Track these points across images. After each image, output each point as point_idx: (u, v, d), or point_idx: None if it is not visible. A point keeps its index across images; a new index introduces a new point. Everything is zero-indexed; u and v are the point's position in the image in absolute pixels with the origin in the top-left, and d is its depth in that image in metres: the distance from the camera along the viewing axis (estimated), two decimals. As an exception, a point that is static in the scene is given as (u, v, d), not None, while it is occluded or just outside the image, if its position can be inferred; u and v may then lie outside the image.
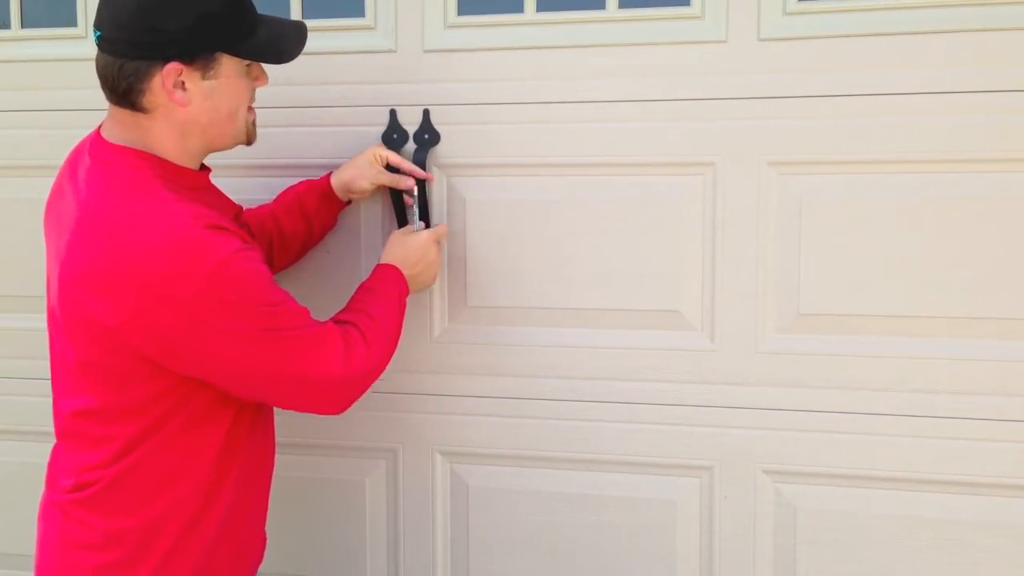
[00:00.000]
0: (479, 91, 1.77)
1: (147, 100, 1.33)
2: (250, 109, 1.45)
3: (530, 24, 1.76)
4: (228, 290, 1.27)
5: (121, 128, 1.36)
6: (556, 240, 1.77)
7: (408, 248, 1.65)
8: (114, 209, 1.29)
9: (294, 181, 1.78)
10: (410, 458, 1.87)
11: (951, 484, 1.67)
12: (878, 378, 1.68)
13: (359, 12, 1.82)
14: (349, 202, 1.78)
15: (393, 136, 1.80)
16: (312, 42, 1.79)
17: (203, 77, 1.35)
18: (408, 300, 1.72)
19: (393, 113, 1.79)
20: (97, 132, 1.39)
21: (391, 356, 1.53)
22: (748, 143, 1.68)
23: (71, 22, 1.93)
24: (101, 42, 1.33)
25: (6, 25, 1.96)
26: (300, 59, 1.49)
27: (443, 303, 1.83)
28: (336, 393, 1.42)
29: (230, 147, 1.46)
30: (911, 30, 1.61)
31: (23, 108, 1.94)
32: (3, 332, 1.97)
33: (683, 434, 1.76)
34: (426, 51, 1.79)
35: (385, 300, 1.55)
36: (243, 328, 1.29)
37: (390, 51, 1.80)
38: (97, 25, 1.33)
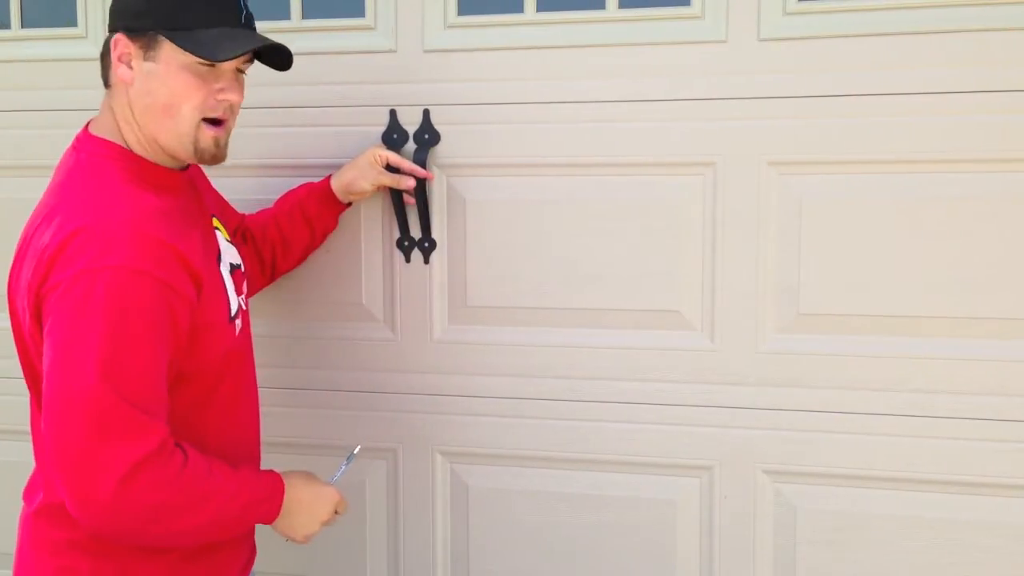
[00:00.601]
0: (479, 91, 1.77)
1: (110, 74, 1.34)
2: (216, 123, 1.34)
3: (530, 24, 1.76)
4: (90, 297, 1.16)
5: (102, 113, 1.37)
6: (556, 240, 1.77)
7: (309, 491, 1.43)
8: (67, 201, 1.27)
9: (294, 181, 1.77)
10: (410, 458, 1.87)
11: (951, 484, 1.67)
12: (878, 378, 1.68)
13: (359, 12, 1.82)
14: (350, 204, 1.77)
15: (393, 136, 1.80)
16: (312, 42, 1.80)
17: (144, 57, 1.30)
18: (407, 302, 1.73)
19: (393, 113, 1.79)
20: (85, 125, 1.39)
21: (180, 529, 1.23)
22: (748, 143, 1.68)
23: (71, 22, 1.92)
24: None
25: (6, 25, 1.96)
26: (300, 59, 1.48)
27: (443, 303, 1.83)
28: (95, 494, 1.16)
29: (176, 151, 1.33)
30: (911, 30, 1.61)
31: (23, 108, 1.94)
32: (3, 332, 1.97)
33: (683, 434, 1.76)
34: (426, 51, 1.79)
35: (235, 490, 1.29)
36: (74, 346, 1.16)
37: (390, 51, 1.80)
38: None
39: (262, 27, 1.82)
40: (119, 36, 1.31)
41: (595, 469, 1.80)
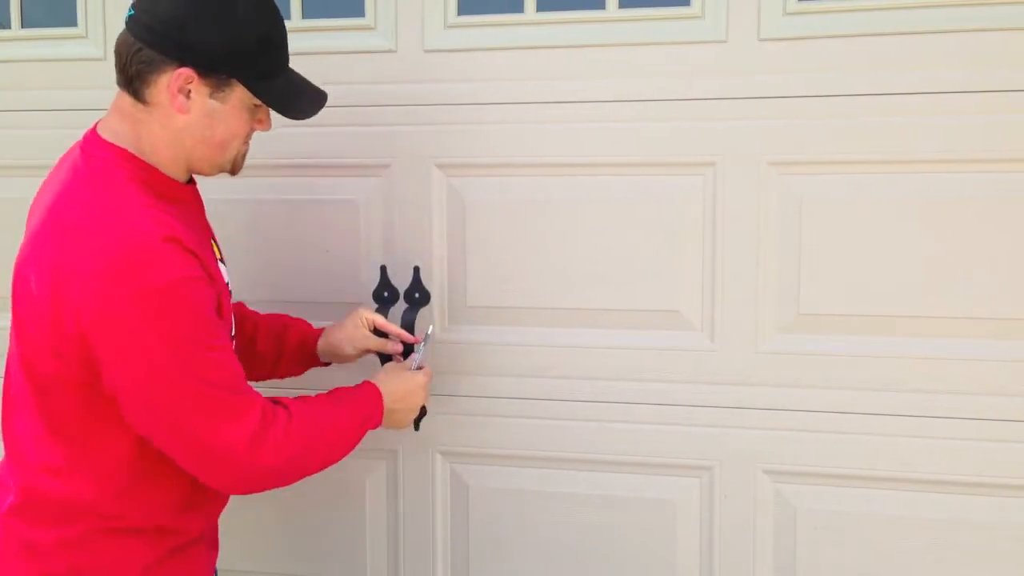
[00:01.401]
0: (479, 91, 1.77)
1: (150, 93, 1.32)
2: (244, 143, 1.43)
3: (530, 24, 1.76)
4: (161, 314, 1.22)
5: (118, 118, 1.35)
6: (556, 240, 1.77)
7: (401, 383, 1.56)
8: (82, 203, 1.28)
9: (291, 182, 1.78)
10: (410, 458, 1.87)
11: (951, 484, 1.67)
12: (878, 378, 1.68)
13: (359, 12, 1.82)
14: (328, 364, 1.72)
15: (384, 294, 1.78)
16: (312, 42, 1.79)
17: (210, 95, 1.33)
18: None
19: (383, 269, 1.77)
20: (93, 126, 1.39)
21: (317, 466, 1.40)
22: (748, 143, 1.68)
23: (71, 22, 1.93)
24: (130, 21, 1.32)
25: (6, 25, 1.96)
26: (300, 59, 1.48)
27: (443, 303, 1.83)
28: (232, 473, 1.31)
29: (209, 174, 1.42)
30: (911, 30, 1.61)
31: (23, 108, 1.94)
32: (2, 332, 1.97)
33: (683, 434, 1.76)
34: (426, 51, 1.79)
35: (345, 415, 1.45)
36: (160, 360, 1.23)
37: (390, 51, 1.80)
38: (134, 5, 1.33)
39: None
40: (187, 71, 1.30)
41: (595, 469, 1.80)
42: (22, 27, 1.96)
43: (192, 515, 1.41)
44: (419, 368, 1.61)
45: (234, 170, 1.45)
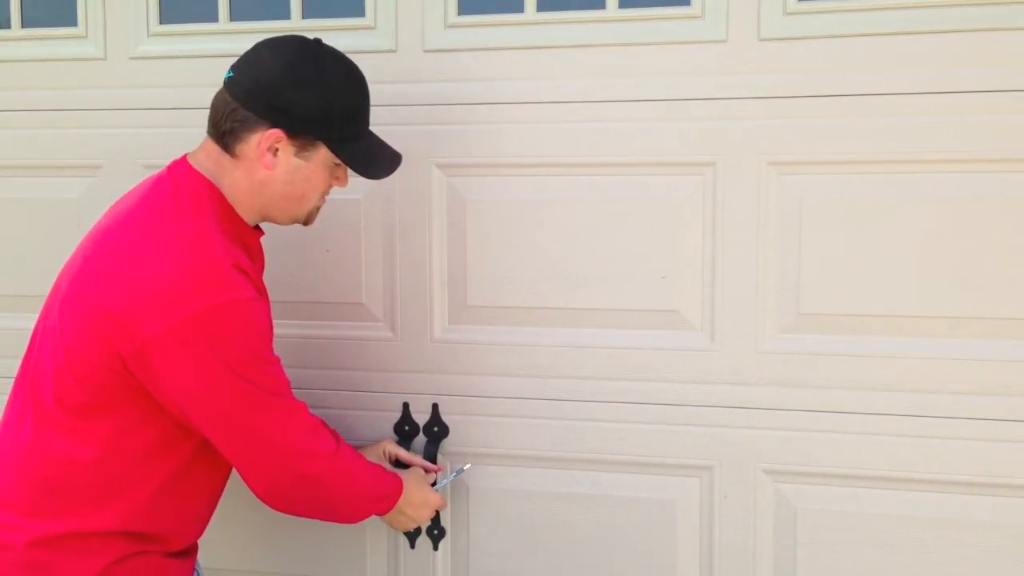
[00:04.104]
0: (479, 91, 1.77)
1: (239, 148, 1.42)
2: (321, 198, 1.52)
3: (530, 24, 1.76)
4: (227, 328, 1.33)
5: (205, 157, 1.45)
6: (556, 240, 1.77)
7: (420, 493, 1.68)
8: (159, 217, 1.37)
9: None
10: (410, 458, 1.87)
11: (951, 484, 1.67)
12: (878, 378, 1.68)
13: (359, 12, 1.82)
14: None
15: (405, 428, 1.83)
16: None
17: (296, 154, 1.43)
18: (407, 302, 1.72)
19: (406, 406, 1.83)
20: (184, 156, 1.47)
21: (333, 500, 1.52)
22: (748, 143, 1.68)
23: (71, 22, 1.92)
24: (230, 81, 1.43)
25: (6, 25, 1.96)
26: (300, 59, 1.49)
27: (443, 303, 1.83)
28: (286, 466, 1.43)
29: (283, 223, 1.54)
30: (911, 30, 1.61)
31: (23, 108, 1.94)
32: (2, 332, 1.97)
33: (683, 434, 1.76)
34: (426, 51, 1.79)
35: (371, 480, 1.57)
36: (223, 369, 1.34)
37: (390, 51, 1.80)
38: (234, 68, 1.44)
39: (262, 27, 1.83)
40: (278, 132, 1.40)
41: (595, 469, 1.80)
42: (22, 27, 1.96)
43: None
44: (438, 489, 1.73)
45: (308, 221, 1.56)
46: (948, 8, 1.60)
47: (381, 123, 1.79)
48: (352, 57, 1.51)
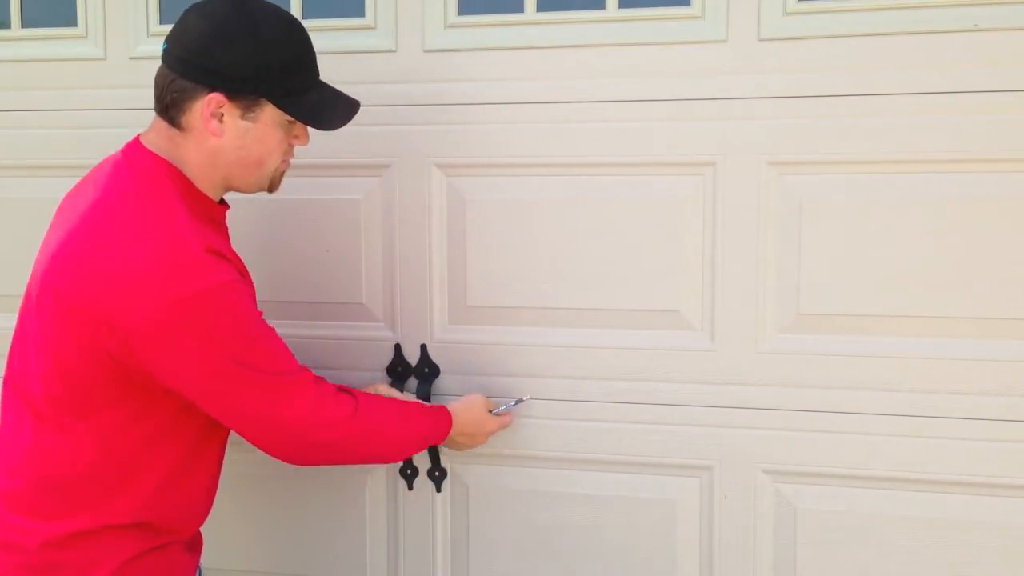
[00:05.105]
0: (479, 91, 1.77)
1: (185, 120, 1.39)
2: (283, 161, 1.49)
3: (530, 24, 1.76)
4: (209, 316, 1.31)
5: (157, 137, 1.42)
6: (556, 240, 1.77)
7: (474, 421, 1.70)
8: (125, 207, 1.34)
9: (291, 183, 1.76)
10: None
11: (951, 484, 1.67)
12: (878, 378, 1.68)
13: (359, 12, 1.82)
14: None
15: (397, 369, 1.83)
16: (312, 42, 1.79)
17: (242, 116, 1.40)
18: (407, 302, 1.72)
19: (398, 347, 1.83)
20: (136, 137, 1.44)
21: (364, 458, 1.56)
22: (748, 143, 1.68)
23: (71, 22, 1.92)
24: (164, 54, 1.40)
25: (6, 25, 1.96)
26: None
27: (443, 303, 1.83)
28: (296, 445, 1.43)
29: (247, 192, 1.49)
30: (911, 30, 1.61)
31: (23, 108, 1.94)
32: (2, 332, 1.97)
33: (683, 434, 1.76)
34: (426, 51, 1.79)
35: (409, 427, 1.58)
36: (213, 357, 1.32)
37: (390, 51, 1.80)
38: (167, 39, 1.41)
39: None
40: (218, 96, 1.37)
41: (595, 469, 1.80)
42: (22, 27, 1.96)
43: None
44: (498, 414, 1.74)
45: (271, 188, 1.51)
46: (947, 8, 1.60)
47: (381, 123, 1.80)
48: (352, 57, 1.51)
